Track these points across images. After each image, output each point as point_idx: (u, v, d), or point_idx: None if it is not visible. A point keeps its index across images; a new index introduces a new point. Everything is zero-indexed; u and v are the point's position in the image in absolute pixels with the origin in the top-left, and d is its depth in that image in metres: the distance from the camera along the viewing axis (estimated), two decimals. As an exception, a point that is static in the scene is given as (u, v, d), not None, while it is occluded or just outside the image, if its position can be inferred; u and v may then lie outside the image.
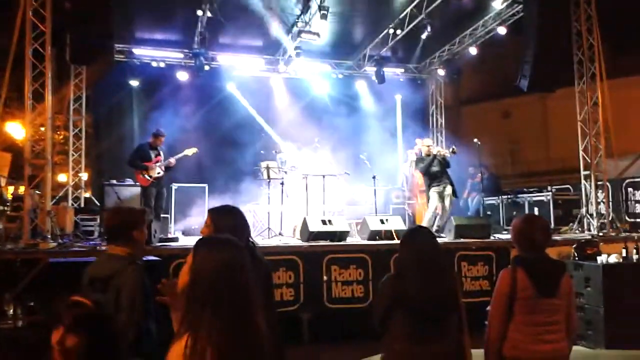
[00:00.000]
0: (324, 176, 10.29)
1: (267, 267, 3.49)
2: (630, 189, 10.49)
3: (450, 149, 9.64)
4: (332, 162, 11.00)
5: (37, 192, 8.36)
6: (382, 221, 8.89)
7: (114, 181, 10.67)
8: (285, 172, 10.30)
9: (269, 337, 2.03)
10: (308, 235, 8.18)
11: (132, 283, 3.10)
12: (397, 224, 8.89)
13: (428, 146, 9.65)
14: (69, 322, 2.23)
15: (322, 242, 8.04)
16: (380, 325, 3.30)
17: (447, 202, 9.48)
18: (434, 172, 9.50)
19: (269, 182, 10.02)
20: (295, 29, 11.54)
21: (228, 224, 3.26)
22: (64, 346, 2.22)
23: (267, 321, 2.05)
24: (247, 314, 1.95)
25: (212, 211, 3.40)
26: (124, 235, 3.35)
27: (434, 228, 9.25)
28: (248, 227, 3.41)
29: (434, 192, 9.47)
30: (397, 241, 8.10)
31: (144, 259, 5.07)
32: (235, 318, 1.91)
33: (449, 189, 9.45)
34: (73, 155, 11.78)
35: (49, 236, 7.77)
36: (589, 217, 10.26)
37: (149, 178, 8.86)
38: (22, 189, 8.45)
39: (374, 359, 5.52)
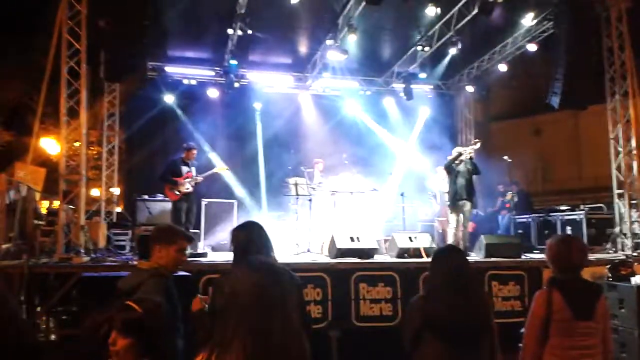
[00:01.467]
0: (352, 193, 10.29)
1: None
2: (665, 208, 10.25)
3: (472, 143, 9.61)
4: (361, 178, 10.99)
5: (71, 206, 8.52)
6: (410, 239, 8.83)
7: (146, 196, 10.82)
8: (314, 189, 10.32)
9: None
10: (336, 252, 8.17)
11: (152, 293, 3.12)
12: (425, 241, 8.82)
13: (457, 151, 9.66)
14: (118, 325, 2.44)
15: (349, 260, 8.02)
16: (410, 346, 3.27)
17: (465, 217, 9.40)
18: (458, 184, 9.39)
19: (297, 198, 10.04)
20: (323, 46, 11.63)
21: (240, 238, 3.32)
22: (115, 346, 2.38)
23: None
24: (282, 334, 1.96)
25: (233, 229, 3.48)
26: (150, 250, 3.43)
27: (461, 244, 9.15)
28: (264, 240, 3.36)
29: (453, 207, 9.41)
30: (425, 259, 8.07)
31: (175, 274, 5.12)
32: (269, 339, 1.92)
33: (467, 205, 9.35)
34: (106, 170, 12.00)
35: (82, 250, 7.88)
36: (622, 236, 10.05)
37: (177, 193, 8.94)
38: (56, 204, 8.60)
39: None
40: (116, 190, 12.17)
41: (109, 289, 3.48)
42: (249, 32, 10.02)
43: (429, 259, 3.59)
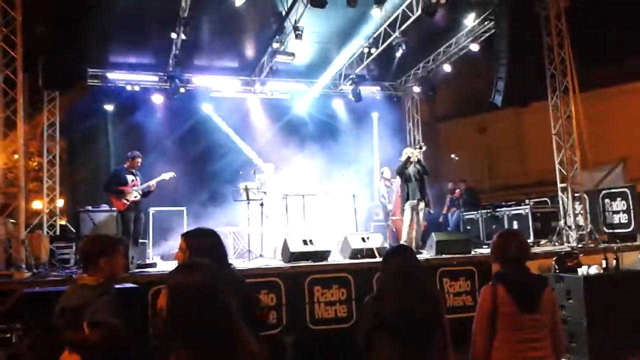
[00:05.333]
0: (303, 196, 10.25)
1: (247, 289, 3.46)
2: (607, 200, 10.60)
3: (418, 146, 9.86)
4: (311, 181, 10.97)
5: (12, 220, 8.17)
6: (363, 239, 8.84)
7: (90, 207, 10.50)
8: (265, 193, 10.23)
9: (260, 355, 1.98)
10: (289, 256, 8.10)
11: (102, 315, 3.00)
12: (378, 241, 8.85)
13: (406, 153, 9.84)
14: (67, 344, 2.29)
15: (303, 263, 7.96)
16: (365, 347, 3.25)
17: (420, 216, 9.58)
18: (411, 185, 9.59)
19: (249, 203, 9.93)
20: (270, 50, 11.56)
21: (203, 246, 3.22)
22: None
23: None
24: (229, 333, 1.90)
25: (186, 235, 3.36)
26: (92, 264, 3.29)
27: (413, 243, 9.27)
28: (224, 248, 3.38)
29: (408, 206, 9.56)
30: (379, 259, 8.08)
31: (121, 286, 4.97)
32: (217, 339, 1.85)
33: (422, 204, 9.56)
34: (47, 182, 11.57)
35: (24, 266, 7.57)
36: (567, 229, 10.34)
37: (126, 202, 8.75)
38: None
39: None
40: (59, 202, 11.75)
41: (53, 304, 3.34)
42: (192, 37, 9.84)
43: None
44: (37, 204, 13.68)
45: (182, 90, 12.49)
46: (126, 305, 3.49)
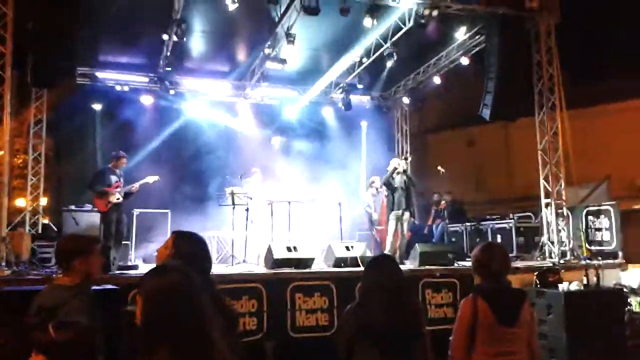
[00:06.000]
0: (289, 202, 10.22)
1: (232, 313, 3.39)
2: (590, 217, 10.69)
3: (404, 157, 9.87)
4: (298, 188, 10.95)
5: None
6: (347, 248, 8.83)
7: (73, 207, 10.40)
8: (251, 198, 10.19)
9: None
10: (272, 262, 8.07)
11: (75, 315, 2.98)
12: (362, 250, 8.84)
13: (392, 164, 9.86)
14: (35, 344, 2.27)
15: (285, 270, 7.93)
16: (345, 355, 3.25)
17: (405, 226, 9.59)
18: (396, 195, 9.62)
19: (234, 208, 9.89)
20: (262, 55, 11.56)
21: (189, 251, 3.17)
22: None
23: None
24: (202, 335, 1.89)
25: (176, 234, 3.30)
26: (66, 265, 3.26)
27: (397, 254, 9.28)
28: (209, 259, 3.29)
29: (392, 216, 9.59)
30: (362, 268, 8.07)
31: (100, 288, 4.92)
32: (190, 341, 1.84)
33: (406, 215, 9.58)
34: (32, 179, 11.45)
35: (4, 263, 7.50)
36: (550, 244, 10.40)
37: (107, 203, 8.65)
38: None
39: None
40: (43, 200, 11.63)
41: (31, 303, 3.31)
42: (184, 39, 9.83)
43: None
44: (20, 202, 13.54)
45: (172, 92, 12.49)
46: (104, 307, 3.46)
